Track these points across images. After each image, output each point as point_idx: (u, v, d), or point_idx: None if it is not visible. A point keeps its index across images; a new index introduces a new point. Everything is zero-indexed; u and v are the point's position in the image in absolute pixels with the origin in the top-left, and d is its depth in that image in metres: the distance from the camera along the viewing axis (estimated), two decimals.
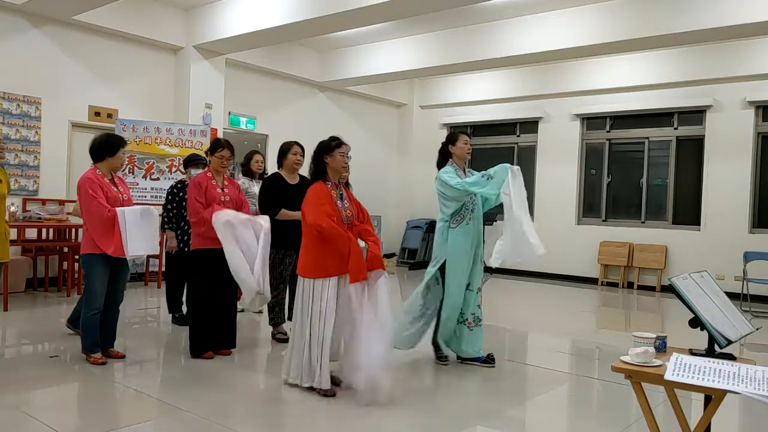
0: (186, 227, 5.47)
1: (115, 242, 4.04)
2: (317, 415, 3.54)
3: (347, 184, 6.02)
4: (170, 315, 5.78)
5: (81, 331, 4.32)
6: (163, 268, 6.66)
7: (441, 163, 4.67)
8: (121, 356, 4.41)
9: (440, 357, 4.64)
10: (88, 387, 3.85)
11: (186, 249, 5.45)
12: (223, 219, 4.27)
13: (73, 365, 4.36)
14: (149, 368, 4.39)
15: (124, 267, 4.35)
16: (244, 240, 4.32)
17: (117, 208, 4.08)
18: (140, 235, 4.09)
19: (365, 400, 3.55)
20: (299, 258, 3.84)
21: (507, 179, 4.20)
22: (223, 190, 4.56)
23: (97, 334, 4.28)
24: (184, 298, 5.72)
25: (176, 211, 5.50)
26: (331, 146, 3.90)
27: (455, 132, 4.74)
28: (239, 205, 4.60)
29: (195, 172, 5.58)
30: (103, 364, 4.20)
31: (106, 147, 4.20)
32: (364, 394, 3.57)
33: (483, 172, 4.33)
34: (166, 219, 5.53)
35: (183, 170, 5.91)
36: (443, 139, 4.73)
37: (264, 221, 4.50)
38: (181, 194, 5.52)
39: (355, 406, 3.62)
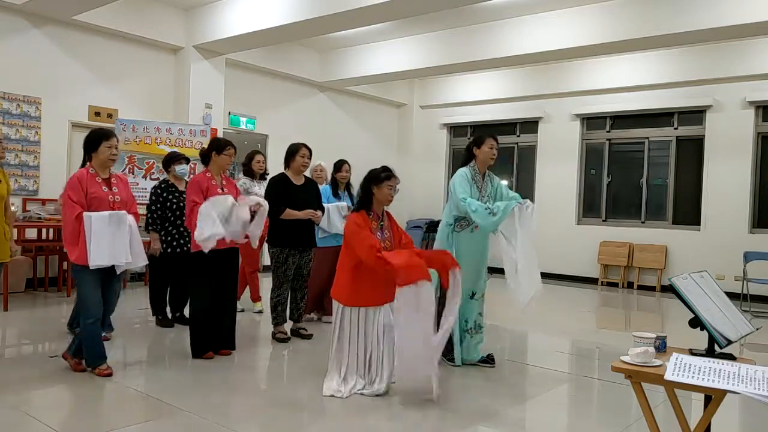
0: (170, 228, 5.44)
1: (79, 249, 3.78)
2: (317, 415, 3.55)
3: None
4: (154, 317, 5.73)
5: (83, 344, 4.04)
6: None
7: (463, 163, 4.54)
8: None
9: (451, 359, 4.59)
10: (88, 387, 3.84)
11: (169, 250, 5.43)
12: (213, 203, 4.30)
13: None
14: (149, 368, 4.39)
15: (116, 276, 4.06)
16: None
17: (84, 213, 3.78)
18: (105, 244, 3.77)
19: (416, 399, 3.66)
20: (335, 279, 3.90)
21: (514, 217, 4.09)
22: (222, 190, 4.53)
23: (100, 345, 4.03)
24: (168, 298, 5.71)
25: (160, 212, 5.41)
26: (380, 177, 3.92)
27: (483, 135, 4.52)
28: None
29: (179, 168, 5.55)
30: (109, 375, 3.99)
31: (88, 143, 3.99)
32: (415, 393, 3.68)
33: (488, 205, 4.21)
34: (150, 220, 5.43)
35: (166, 170, 5.74)
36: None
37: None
38: (165, 195, 5.45)
39: (353, 407, 3.63)
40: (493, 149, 4.46)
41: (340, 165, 6.15)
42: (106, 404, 3.66)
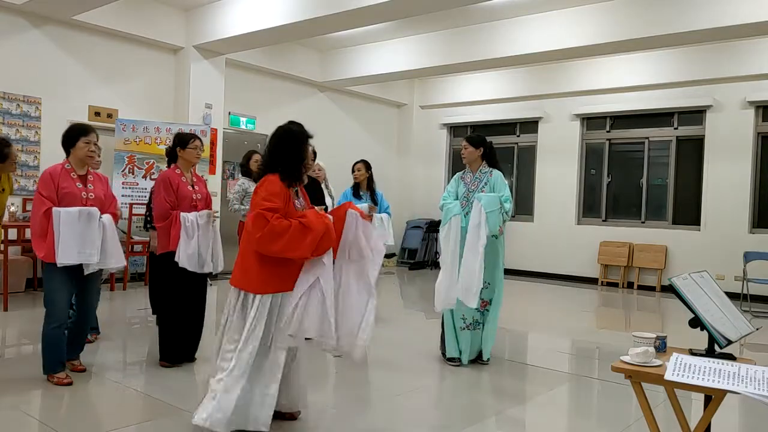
0: None
1: (47, 246, 3.60)
2: (317, 415, 3.54)
3: (326, 185, 6.00)
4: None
5: (43, 348, 3.80)
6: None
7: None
8: (82, 369, 4.00)
9: (450, 359, 4.62)
10: (88, 387, 3.84)
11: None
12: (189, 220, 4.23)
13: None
14: (149, 368, 4.38)
15: (92, 276, 3.87)
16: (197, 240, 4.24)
17: (53, 208, 3.62)
18: (74, 241, 3.61)
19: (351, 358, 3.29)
20: (235, 263, 3.14)
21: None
22: (193, 187, 4.37)
23: (61, 352, 3.82)
24: None
25: None
26: (306, 135, 3.21)
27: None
28: (208, 203, 4.47)
29: None
30: (69, 384, 3.76)
31: (66, 139, 3.86)
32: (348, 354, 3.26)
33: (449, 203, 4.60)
34: (149, 218, 5.47)
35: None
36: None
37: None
38: None
39: (353, 406, 3.62)
40: (462, 150, 4.73)
41: (353, 166, 6.16)
42: (106, 404, 3.66)
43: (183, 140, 4.39)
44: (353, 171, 6.13)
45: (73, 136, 3.85)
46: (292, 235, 2.89)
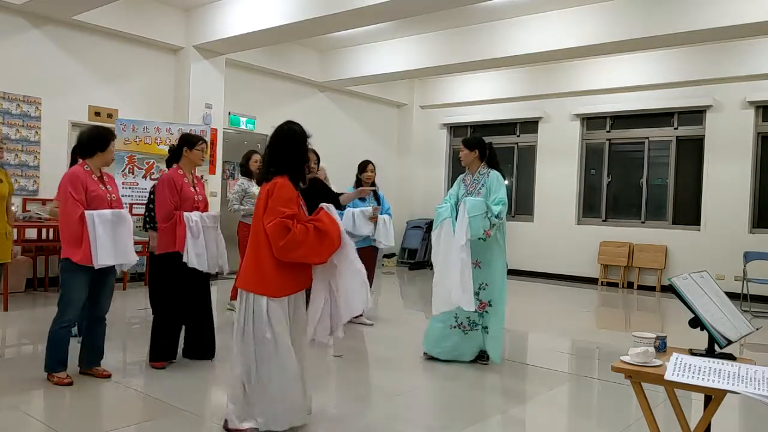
0: None
1: (83, 249, 3.65)
2: (317, 415, 3.54)
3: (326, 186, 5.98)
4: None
5: (48, 346, 3.83)
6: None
7: None
8: (107, 375, 3.98)
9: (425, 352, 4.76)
10: (88, 387, 3.84)
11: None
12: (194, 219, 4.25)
13: (74, 365, 4.35)
14: (149, 368, 4.37)
15: (109, 275, 3.95)
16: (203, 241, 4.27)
17: (86, 211, 3.68)
18: (110, 243, 3.71)
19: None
20: (243, 266, 3.14)
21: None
22: (195, 189, 4.39)
23: (64, 351, 3.85)
24: None
25: None
26: (306, 135, 3.20)
27: None
28: (207, 205, 4.50)
29: None
30: (69, 384, 3.78)
31: (97, 141, 3.86)
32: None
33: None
34: (147, 218, 5.47)
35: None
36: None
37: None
38: None
39: (352, 405, 3.62)
40: (460, 153, 4.82)
41: (364, 165, 6.09)
42: (106, 404, 3.66)
43: (191, 141, 4.40)
44: (365, 170, 6.05)
45: (105, 139, 3.90)
46: (311, 241, 2.94)
